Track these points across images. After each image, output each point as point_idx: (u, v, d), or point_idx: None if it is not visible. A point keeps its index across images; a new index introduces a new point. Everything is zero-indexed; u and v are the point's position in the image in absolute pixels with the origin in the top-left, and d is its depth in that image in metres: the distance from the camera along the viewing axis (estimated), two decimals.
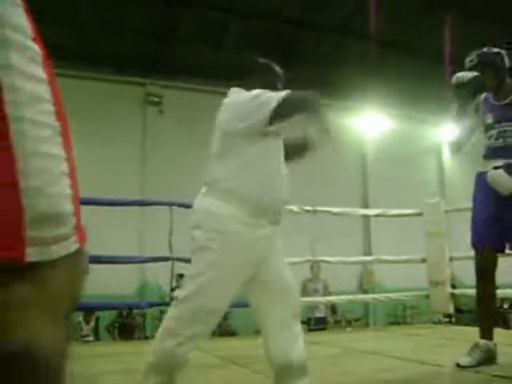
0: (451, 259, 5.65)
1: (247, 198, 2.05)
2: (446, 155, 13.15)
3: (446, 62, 8.72)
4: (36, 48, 0.81)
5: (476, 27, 10.90)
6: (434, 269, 5.71)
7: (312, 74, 11.16)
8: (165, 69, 10.91)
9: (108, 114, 10.20)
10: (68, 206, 0.80)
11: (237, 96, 2.22)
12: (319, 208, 5.70)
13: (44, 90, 0.80)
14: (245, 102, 2.12)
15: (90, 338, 7.83)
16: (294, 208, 5.25)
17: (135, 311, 8.79)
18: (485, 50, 3.05)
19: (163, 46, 10.65)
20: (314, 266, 7.66)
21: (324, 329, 7.61)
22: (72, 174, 0.83)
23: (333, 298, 6.76)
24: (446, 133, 11.70)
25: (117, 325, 8.76)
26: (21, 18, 0.80)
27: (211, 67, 10.96)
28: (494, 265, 3.08)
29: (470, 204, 3.29)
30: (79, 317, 8.23)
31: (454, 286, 7.04)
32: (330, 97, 10.16)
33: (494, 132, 3.08)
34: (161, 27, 10.29)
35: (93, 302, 7.21)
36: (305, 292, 7.39)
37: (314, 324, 7.54)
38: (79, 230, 0.84)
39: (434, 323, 7.28)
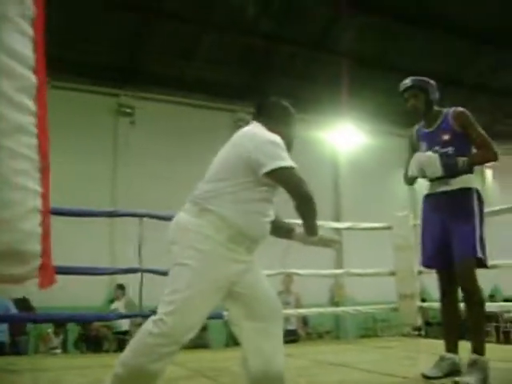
0: (420, 272, 5.70)
1: (229, 223, 2.06)
2: None
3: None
4: (32, 79, 0.75)
5: (448, 43, 11.17)
6: (403, 282, 5.76)
7: (286, 88, 11.28)
8: (138, 80, 10.88)
9: (80, 124, 10.08)
10: (35, 246, 0.72)
11: (260, 131, 2.24)
12: (291, 221, 5.69)
13: (29, 122, 0.74)
14: (267, 143, 2.13)
15: (58, 351, 7.69)
16: None
17: (102, 323, 8.65)
18: (421, 78, 3.23)
19: (136, 57, 10.64)
20: (286, 278, 7.68)
21: (295, 341, 7.60)
22: (45, 211, 0.75)
23: (304, 311, 6.77)
24: None
25: (84, 337, 8.63)
26: (24, 48, 0.75)
27: (183, 79, 10.99)
28: (454, 281, 3.12)
29: None
30: (49, 329, 8.09)
31: (424, 300, 7.11)
32: (304, 111, 10.23)
33: None
34: (134, 38, 10.28)
35: (60, 313, 7.10)
36: None
37: (286, 336, 7.51)
38: (45, 270, 0.74)
39: (404, 336, 7.33)
